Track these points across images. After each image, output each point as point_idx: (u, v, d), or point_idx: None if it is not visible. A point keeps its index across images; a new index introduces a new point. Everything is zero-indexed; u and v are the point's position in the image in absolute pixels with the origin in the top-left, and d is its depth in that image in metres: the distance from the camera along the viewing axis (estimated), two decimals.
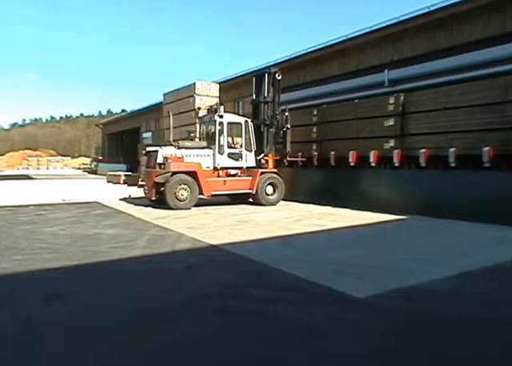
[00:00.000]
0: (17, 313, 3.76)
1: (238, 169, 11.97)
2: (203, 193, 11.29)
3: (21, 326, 3.46)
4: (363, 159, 11.34)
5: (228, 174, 11.83)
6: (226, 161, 11.74)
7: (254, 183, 11.77)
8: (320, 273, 4.92)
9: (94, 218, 9.48)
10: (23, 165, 49.82)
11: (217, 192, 11.61)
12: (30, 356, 2.97)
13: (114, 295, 4.29)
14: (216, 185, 11.53)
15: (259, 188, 11.78)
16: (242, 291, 4.38)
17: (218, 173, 11.72)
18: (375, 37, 14.21)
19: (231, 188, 11.75)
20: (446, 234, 7.76)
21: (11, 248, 6.28)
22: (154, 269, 5.26)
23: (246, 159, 11.98)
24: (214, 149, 11.65)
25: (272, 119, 12.19)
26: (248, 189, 11.82)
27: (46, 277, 4.91)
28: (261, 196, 11.84)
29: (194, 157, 11.50)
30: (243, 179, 11.91)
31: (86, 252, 6.01)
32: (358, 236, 7.57)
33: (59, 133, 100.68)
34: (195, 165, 11.30)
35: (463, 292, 4.38)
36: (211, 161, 11.65)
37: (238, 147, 11.97)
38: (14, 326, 3.47)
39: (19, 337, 3.25)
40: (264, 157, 12.21)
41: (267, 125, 12.21)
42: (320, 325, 3.47)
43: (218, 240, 6.86)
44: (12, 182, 22.97)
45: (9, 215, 9.95)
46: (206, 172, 11.46)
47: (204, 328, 3.45)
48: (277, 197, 12.14)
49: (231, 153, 11.79)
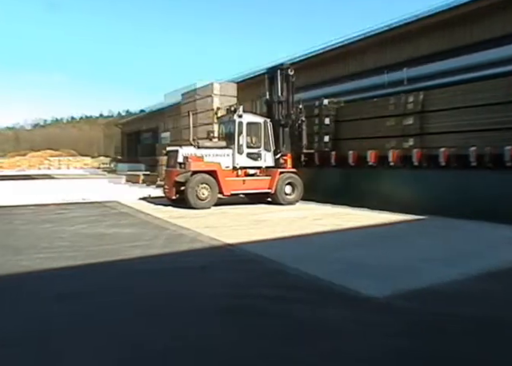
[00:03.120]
0: (37, 311, 3.83)
1: (256, 168, 11.97)
2: (223, 193, 11.36)
3: (39, 323, 3.54)
4: (382, 158, 11.24)
5: (247, 174, 11.86)
6: (245, 160, 11.77)
7: (273, 183, 11.76)
8: (335, 273, 4.90)
9: (114, 217, 9.61)
10: (45, 164, 50.65)
11: (236, 192, 11.69)
12: (46, 352, 3.03)
13: (130, 293, 4.34)
14: (235, 185, 11.59)
15: (278, 188, 11.77)
16: (257, 290, 4.39)
17: (237, 172, 11.76)
18: (394, 34, 14.10)
19: (250, 188, 11.78)
20: (463, 235, 7.65)
21: (33, 246, 6.41)
22: (171, 268, 5.32)
23: (265, 159, 11.97)
24: (233, 148, 11.68)
25: (287, 118, 12.13)
26: (267, 189, 11.82)
27: (67, 275, 5.00)
28: (280, 195, 11.83)
29: (214, 156, 11.55)
30: (262, 179, 11.92)
31: (105, 251, 6.10)
32: (375, 236, 7.51)
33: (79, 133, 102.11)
34: (215, 165, 11.37)
35: (478, 294, 4.32)
36: (230, 161, 11.69)
37: (256, 146, 11.95)
38: (32, 323, 3.54)
39: (37, 334, 3.32)
40: (283, 156, 12.19)
41: (282, 125, 12.15)
42: (334, 325, 3.46)
43: (235, 239, 6.89)
44: (34, 182, 23.39)
45: (31, 214, 10.15)
46: (225, 171, 11.51)
47: (218, 327, 3.46)
48: (295, 197, 12.12)
49: (250, 152, 11.81)
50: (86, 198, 13.50)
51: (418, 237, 7.38)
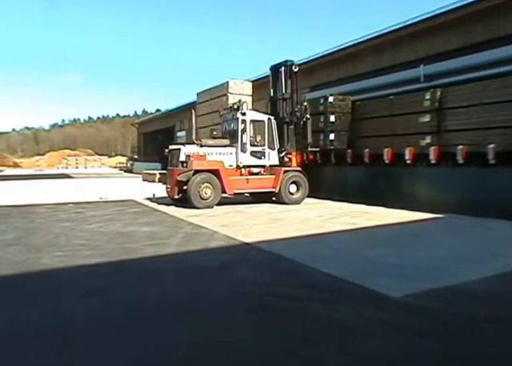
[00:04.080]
0: (56, 308, 3.89)
1: (260, 167, 11.80)
2: (226, 192, 11.18)
3: (59, 320, 3.59)
4: (398, 156, 11.15)
5: (251, 172, 11.68)
6: (249, 159, 11.59)
7: (277, 181, 11.58)
8: (354, 272, 4.87)
9: (130, 216, 9.69)
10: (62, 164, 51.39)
11: (239, 191, 11.51)
12: (67, 348, 3.07)
13: (148, 291, 4.38)
14: (239, 184, 11.40)
15: (282, 187, 11.61)
16: (274, 289, 4.39)
17: (241, 171, 11.59)
18: (410, 31, 13.95)
19: (254, 187, 11.60)
20: (484, 233, 7.54)
21: (52, 244, 6.50)
22: (187, 267, 5.34)
23: (269, 157, 11.79)
24: (236, 147, 11.52)
25: (291, 116, 11.95)
26: (271, 188, 11.64)
27: (85, 273, 5.06)
28: (284, 194, 11.68)
29: (217, 155, 11.38)
30: (266, 177, 11.73)
31: (123, 249, 6.16)
32: (392, 234, 7.45)
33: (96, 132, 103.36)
34: (218, 163, 11.20)
35: (500, 293, 4.26)
36: (234, 160, 11.53)
37: (260, 145, 11.74)
38: (53, 320, 3.59)
39: (57, 331, 3.38)
40: (287, 154, 12.02)
41: (287, 123, 11.99)
42: (353, 325, 3.44)
43: (252, 238, 6.89)
44: (52, 181, 23.71)
45: (49, 212, 10.29)
46: (228, 170, 11.34)
47: (236, 326, 3.47)
48: (300, 196, 11.95)
49: (254, 151, 11.62)
50: (102, 197, 13.65)
51: (439, 236, 7.29)
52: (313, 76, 18.82)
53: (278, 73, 12.36)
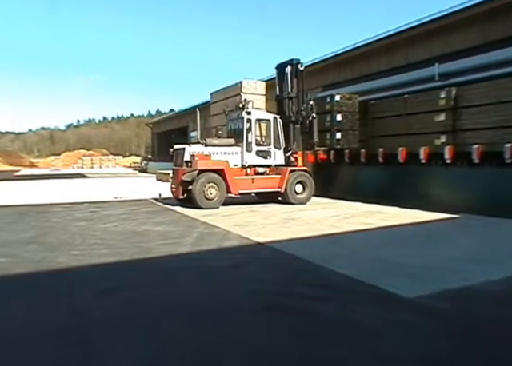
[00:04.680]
0: (72, 306, 3.94)
1: (266, 166, 11.67)
2: (231, 192, 11.08)
3: (75, 318, 3.64)
4: (413, 156, 11.06)
5: (256, 172, 11.56)
6: (254, 158, 11.46)
7: (283, 181, 11.46)
8: (368, 272, 4.86)
9: (144, 215, 9.76)
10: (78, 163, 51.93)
11: (245, 191, 11.38)
12: (84, 346, 3.12)
13: (162, 290, 4.42)
14: (244, 184, 11.29)
15: (288, 187, 11.48)
16: (289, 289, 4.39)
17: (246, 171, 11.47)
18: (425, 30, 13.84)
19: (259, 187, 11.48)
20: (500, 234, 7.45)
21: (68, 243, 6.59)
22: (201, 266, 5.37)
23: (275, 157, 11.65)
24: (241, 146, 11.39)
25: (297, 115, 11.82)
26: (277, 188, 11.51)
27: (100, 272, 5.12)
28: (290, 194, 11.55)
29: (222, 154, 11.26)
30: (272, 177, 11.60)
31: (137, 248, 6.21)
32: (407, 234, 7.40)
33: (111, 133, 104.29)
34: (222, 163, 11.09)
35: None
36: (239, 159, 11.40)
37: (266, 144, 11.62)
38: (69, 318, 3.64)
39: (74, 328, 3.42)
40: (293, 154, 11.88)
41: (293, 122, 11.85)
42: (368, 325, 3.43)
43: (266, 237, 6.90)
44: (68, 181, 23.99)
45: (65, 212, 10.42)
46: (233, 170, 11.22)
47: (250, 325, 3.49)
48: (306, 196, 11.82)
49: (259, 150, 11.49)
50: (117, 197, 13.77)
51: (454, 236, 7.22)
52: (326, 75, 18.78)
53: (283, 71, 12.23)
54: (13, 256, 5.74)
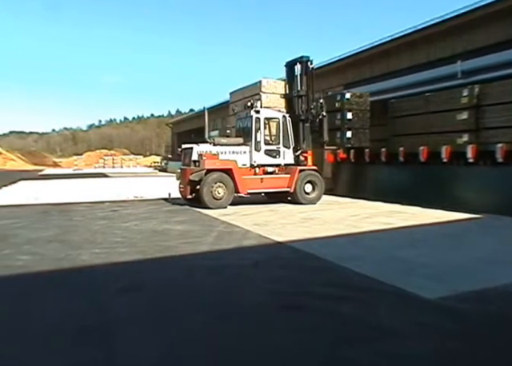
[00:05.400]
0: (95, 303, 4.00)
1: (275, 166, 11.50)
2: (239, 191, 10.95)
3: (98, 315, 3.70)
4: (434, 155, 10.91)
5: (265, 172, 11.39)
6: (263, 158, 11.30)
7: (293, 181, 11.27)
8: (388, 272, 4.81)
9: (164, 214, 9.84)
10: (99, 163, 52.67)
11: (253, 191, 11.21)
12: (106, 343, 3.16)
13: (183, 289, 4.45)
14: (252, 183, 11.14)
15: (297, 187, 11.29)
16: (308, 289, 4.37)
17: (255, 170, 11.32)
18: (446, 27, 13.62)
19: (268, 187, 11.33)
20: None
21: (90, 241, 6.69)
22: (220, 265, 5.39)
23: (284, 156, 11.48)
24: (250, 145, 11.26)
25: (307, 113, 11.63)
26: (286, 187, 11.34)
27: (121, 270, 5.19)
28: (299, 194, 11.36)
29: (230, 154, 11.14)
30: (281, 177, 11.43)
31: (158, 247, 6.27)
32: (428, 234, 7.30)
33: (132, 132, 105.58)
34: (230, 163, 10.97)
35: None
36: (248, 158, 11.27)
37: (275, 143, 11.47)
38: (92, 315, 3.70)
39: (97, 325, 3.48)
40: (303, 153, 11.71)
41: (302, 120, 11.68)
42: (387, 326, 3.40)
43: (285, 237, 6.89)
44: (90, 180, 24.34)
45: (87, 210, 10.58)
46: (242, 169, 11.09)
47: (269, 325, 3.48)
48: (316, 196, 11.62)
49: (268, 149, 11.34)
50: (138, 196, 13.92)
51: (477, 236, 7.11)
52: (346, 74, 18.65)
53: (293, 69, 12.07)
54: (36, 254, 5.85)
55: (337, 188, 13.79)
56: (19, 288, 4.53)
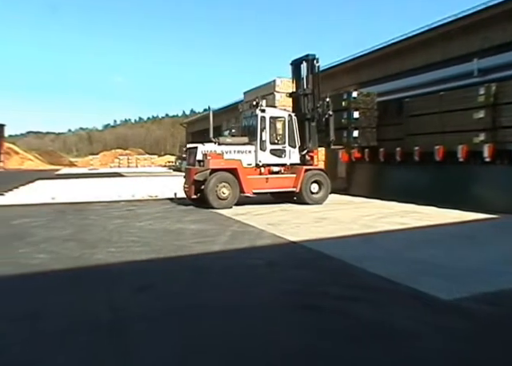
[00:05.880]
0: (110, 302, 4.05)
1: (281, 165, 11.40)
2: (244, 191, 10.82)
3: (114, 314, 3.74)
4: (450, 154, 10.79)
5: (271, 171, 11.28)
6: (269, 157, 11.18)
7: (298, 181, 11.14)
8: (403, 273, 4.77)
9: (178, 214, 9.89)
10: (115, 163, 53.09)
11: (258, 191, 11.06)
12: (122, 341, 3.20)
13: (197, 288, 4.47)
14: (258, 183, 11.02)
15: (303, 186, 11.15)
16: (322, 289, 4.37)
17: (260, 170, 11.21)
18: (462, 24, 13.44)
19: (274, 187, 11.18)
20: None
21: (105, 240, 6.76)
22: (235, 265, 5.41)
23: (290, 155, 11.36)
24: (255, 145, 11.14)
25: (313, 112, 11.48)
26: (292, 187, 11.19)
27: (136, 269, 5.24)
28: (305, 194, 11.22)
29: (235, 153, 11.02)
30: (287, 176, 11.31)
31: (172, 246, 6.31)
32: (444, 235, 7.22)
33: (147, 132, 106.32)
34: (235, 162, 10.85)
35: None
36: (253, 158, 11.15)
37: (280, 142, 11.35)
38: (108, 313, 3.74)
39: (111, 324, 3.52)
40: (309, 152, 11.58)
41: (308, 119, 11.52)
42: (402, 327, 3.37)
43: (299, 236, 6.88)
44: (105, 179, 24.54)
45: (103, 210, 10.69)
46: (247, 169, 10.96)
47: (282, 325, 3.48)
48: (322, 196, 11.47)
49: (274, 149, 11.22)
50: (152, 195, 14.00)
51: (493, 237, 7.03)
52: (360, 73, 18.53)
53: (299, 68, 11.97)
54: (52, 253, 5.93)
55: (351, 188, 13.72)
56: (35, 286, 4.61)
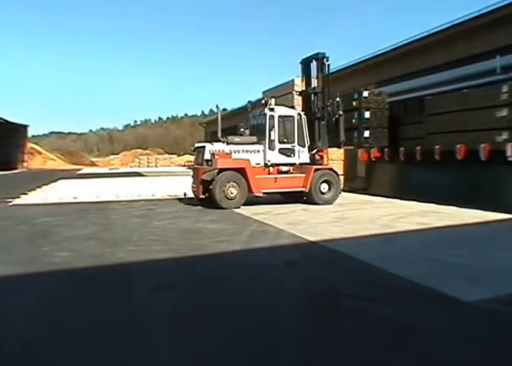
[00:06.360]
0: (131, 300, 4.10)
1: (290, 165, 11.23)
2: (252, 191, 10.69)
3: (134, 311, 3.79)
4: (472, 153, 10.60)
5: (279, 171, 11.14)
6: (277, 157, 11.05)
7: (308, 180, 10.96)
8: (423, 273, 4.72)
9: (197, 213, 9.95)
10: (135, 162, 53.58)
11: (267, 191, 10.90)
12: (142, 339, 3.23)
13: (216, 287, 4.50)
14: (266, 183, 10.87)
15: (313, 186, 10.98)
16: (341, 289, 4.35)
17: (269, 169, 11.07)
18: (485, 21, 13.22)
19: (283, 186, 11.02)
20: None
21: (126, 239, 6.85)
22: (254, 264, 5.42)
23: (299, 155, 11.18)
24: (264, 144, 11.01)
25: (323, 110, 11.33)
26: (301, 187, 11.02)
27: (156, 267, 5.29)
28: (315, 194, 11.05)
29: (244, 153, 10.91)
30: (296, 176, 11.14)
31: (191, 245, 6.36)
32: (465, 235, 7.12)
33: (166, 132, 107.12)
34: (243, 162, 10.72)
35: None
36: (261, 157, 11.03)
37: (289, 142, 11.15)
38: (128, 311, 3.79)
39: (133, 321, 3.56)
40: (319, 152, 11.43)
41: (318, 118, 11.38)
42: (423, 329, 3.33)
43: (318, 236, 6.86)
44: (125, 179, 24.80)
45: (123, 209, 10.82)
46: (255, 169, 10.84)
47: (302, 325, 3.48)
48: (332, 196, 11.28)
49: (283, 148, 11.06)
50: (171, 194, 14.11)
51: None
52: (380, 71, 18.38)
53: (308, 66, 11.86)
54: (75, 251, 6.04)
55: (370, 188, 13.61)
56: (58, 284, 4.69)
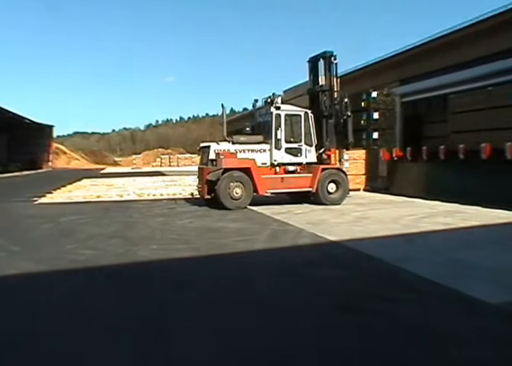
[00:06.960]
0: (153, 297, 4.16)
1: (296, 165, 11.03)
2: (258, 192, 10.51)
3: (157, 309, 3.84)
4: (498, 152, 10.39)
5: (286, 171, 10.94)
6: (284, 156, 10.85)
7: (315, 180, 10.74)
8: (447, 274, 4.65)
9: (218, 212, 9.98)
10: (156, 162, 54.11)
11: (273, 191, 10.76)
12: (164, 337, 3.27)
13: (237, 286, 4.52)
14: (272, 183, 10.68)
15: (320, 186, 10.77)
16: (362, 289, 4.32)
17: (275, 169, 10.88)
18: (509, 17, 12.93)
19: (289, 187, 10.81)
20: None
21: (148, 238, 6.94)
22: (274, 263, 5.43)
23: (306, 154, 10.97)
24: (270, 143, 10.81)
25: (331, 109, 11.15)
26: (308, 187, 10.81)
27: (177, 266, 5.36)
28: (322, 194, 10.85)
29: (249, 152, 10.72)
30: (303, 176, 10.93)
31: (212, 244, 6.40)
32: (489, 236, 6.98)
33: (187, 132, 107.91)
34: (249, 161, 10.52)
35: None
36: (267, 157, 10.82)
37: (296, 141, 10.94)
38: (151, 308, 3.85)
39: (154, 319, 3.61)
40: (326, 151, 11.25)
41: (326, 117, 11.18)
42: (446, 330, 3.29)
43: (339, 236, 6.83)
44: (147, 178, 25.08)
45: (145, 208, 10.95)
46: (261, 168, 10.63)
47: (323, 325, 3.47)
48: (340, 196, 11.05)
49: (289, 147, 10.86)
50: (193, 193, 14.19)
51: None
52: (403, 69, 18.14)
53: (316, 65, 11.74)
54: (98, 249, 6.15)
55: (392, 187, 13.46)
56: (82, 281, 4.79)
